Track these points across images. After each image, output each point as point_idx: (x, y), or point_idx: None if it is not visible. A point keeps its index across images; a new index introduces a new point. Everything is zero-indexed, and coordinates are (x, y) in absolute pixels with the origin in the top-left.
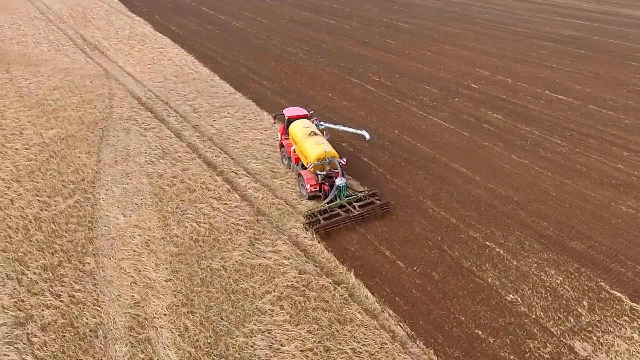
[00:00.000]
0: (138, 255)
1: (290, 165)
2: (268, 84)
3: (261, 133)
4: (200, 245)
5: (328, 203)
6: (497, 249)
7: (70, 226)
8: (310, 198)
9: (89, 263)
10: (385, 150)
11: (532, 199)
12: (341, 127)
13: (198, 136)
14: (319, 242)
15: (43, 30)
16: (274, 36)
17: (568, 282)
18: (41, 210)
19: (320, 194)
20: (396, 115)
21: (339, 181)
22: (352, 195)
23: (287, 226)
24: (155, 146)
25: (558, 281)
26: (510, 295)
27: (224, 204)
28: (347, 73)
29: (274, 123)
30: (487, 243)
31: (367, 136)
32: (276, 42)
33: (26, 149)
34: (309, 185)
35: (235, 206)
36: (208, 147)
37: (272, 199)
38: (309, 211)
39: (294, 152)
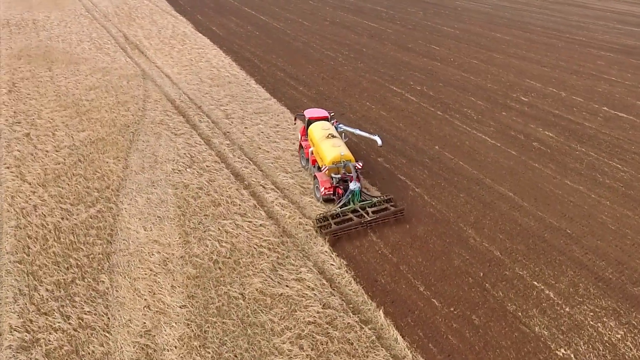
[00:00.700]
0: (154, 275)
1: (307, 167)
2: (304, 89)
3: (293, 143)
4: (220, 268)
5: (341, 207)
6: (547, 291)
7: (89, 238)
8: (325, 201)
9: (103, 282)
10: (424, 168)
11: (588, 233)
12: (357, 131)
13: (228, 144)
14: (346, 271)
15: (87, 28)
16: (313, 39)
17: (630, 337)
18: (62, 219)
19: (335, 197)
20: (438, 128)
21: (353, 185)
22: (366, 200)
23: (313, 250)
24: (184, 153)
25: (619, 336)
26: (562, 350)
27: (249, 221)
28: (387, 80)
29: (295, 124)
30: (535, 283)
31: (379, 142)
32: (316, 46)
33: (56, 151)
34: (323, 188)
35: (260, 225)
36: (237, 156)
37: (299, 218)
38: (321, 215)
39: (312, 153)
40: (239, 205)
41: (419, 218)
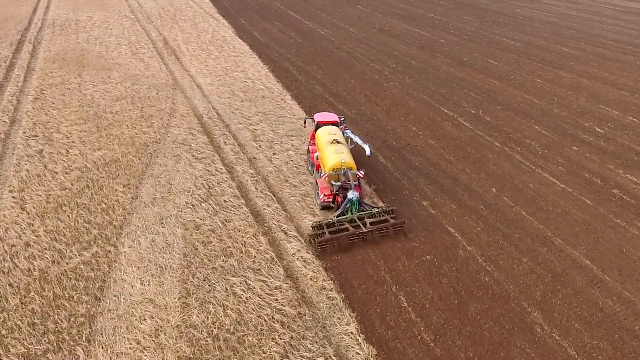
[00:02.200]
0: (141, 350)
1: (312, 172)
2: (344, 108)
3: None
4: (220, 348)
5: (338, 216)
6: None
7: (75, 293)
8: (323, 208)
9: (78, 357)
10: (478, 218)
11: None
12: (356, 138)
13: (252, 174)
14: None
15: (128, 30)
16: (359, 48)
17: None
18: (53, 262)
19: (334, 205)
20: (495, 164)
21: (351, 194)
22: (365, 211)
23: (336, 329)
24: (202, 184)
25: None
26: None
27: (263, 281)
28: (438, 100)
29: (304, 126)
30: None
31: (368, 151)
32: (360, 56)
33: (66, 173)
34: (322, 195)
35: (276, 287)
36: (260, 190)
37: (323, 280)
38: (317, 223)
39: (317, 158)
40: (254, 257)
41: (470, 290)
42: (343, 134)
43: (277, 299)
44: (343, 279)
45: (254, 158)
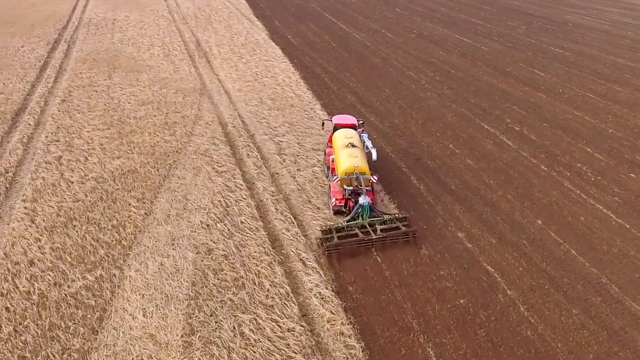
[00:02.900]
0: None
1: (328, 175)
2: (376, 120)
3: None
4: None
5: (348, 221)
6: None
7: (72, 323)
8: (335, 213)
9: None
10: (521, 256)
11: None
12: (367, 142)
13: (273, 193)
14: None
15: (163, 30)
16: (395, 55)
17: None
18: (53, 286)
19: (345, 210)
20: (541, 192)
21: (362, 199)
22: (377, 217)
23: None
24: (219, 201)
25: None
26: None
27: (275, 320)
28: (478, 115)
29: (323, 129)
30: None
31: (374, 156)
32: (397, 63)
33: (82, 183)
34: (334, 199)
35: (289, 329)
36: (280, 211)
37: (341, 324)
38: (326, 227)
39: (333, 161)
40: (268, 290)
41: (510, 347)
42: (360, 138)
43: (288, 344)
44: (364, 323)
45: (277, 174)
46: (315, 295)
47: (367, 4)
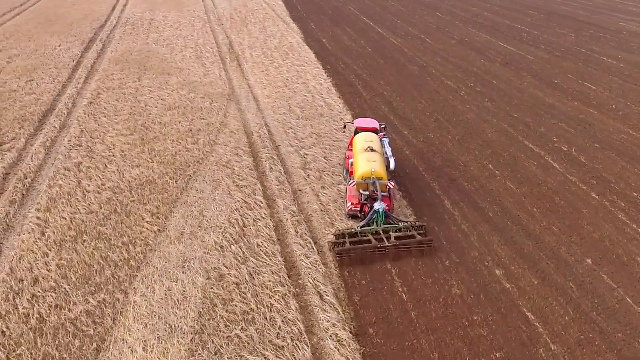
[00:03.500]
0: None
1: (346, 179)
2: (410, 135)
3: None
4: None
5: (362, 227)
6: None
7: (68, 354)
8: (350, 217)
9: None
10: (567, 302)
11: None
12: (387, 149)
13: (293, 212)
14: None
15: (197, 31)
16: (434, 62)
17: None
18: (53, 308)
19: (361, 215)
20: (591, 224)
21: (378, 205)
22: (392, 224)
23: None
24: (236, 219)
25: None
26: None
27: None
28: (521, 132)
29: (344, 131)
30: None
31: (392, 165)
32: (435, 71)
33: (98, 193)
34: (349, 203)
35: None
36: (300, 235)
37: None
38: (340, 231)
39: (352, 165)
40: (279, 328)
41: None
42: (381, 142)
43: None
44: None
45: (300, 190)
46: (330, 336)
47: (406, 7)
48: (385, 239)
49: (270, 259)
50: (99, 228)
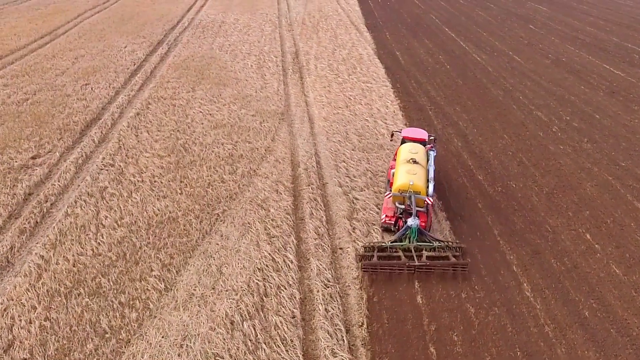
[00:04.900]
0: None
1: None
2: (485, 181)
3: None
4: None
5: (393, 242)
6: None
7: None
8: (384, 230)
9: None
10: None
11: None
12: (431, 169)
13: (327, 282)
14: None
15: (265, 37)
16: (522, 86)
17: None
18: None
19: (395, 228)
20: None
21: (411, 221)
22: (426, 242)
23: None
24: (257, 283)
25: None
26: None
27: None
28: (632, 189)
29: (391, 140)
30: None
31: (430, 190)
32: (522, 98)
33: (112, 229)
34: (384, 216)
35: None
36: (331, 317)
37: None
38: (370, 244)
39: (393, 175)
40: None
41: None
42: (426, 154)
43: None
44: None
45: (341, 249)
46: None
47: (495, 19)
48: (415, 258)
49: (286, 352)
50: (100, 279)
